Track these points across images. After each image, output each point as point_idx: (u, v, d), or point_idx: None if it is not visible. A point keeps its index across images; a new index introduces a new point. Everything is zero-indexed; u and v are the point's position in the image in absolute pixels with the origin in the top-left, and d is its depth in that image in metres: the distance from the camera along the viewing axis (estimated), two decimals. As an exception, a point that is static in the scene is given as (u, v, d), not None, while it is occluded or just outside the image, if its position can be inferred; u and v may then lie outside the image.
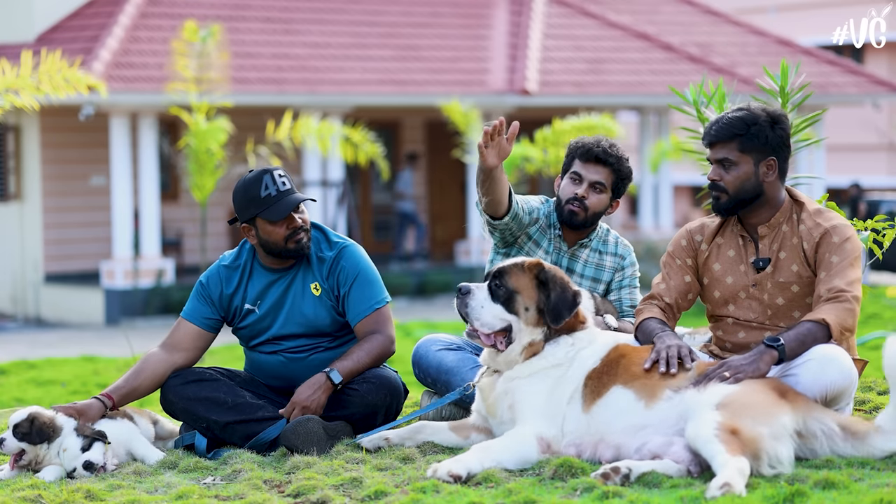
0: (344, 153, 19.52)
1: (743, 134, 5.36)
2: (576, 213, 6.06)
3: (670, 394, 5.00)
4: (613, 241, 6.27)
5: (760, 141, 5.36)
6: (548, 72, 25.65)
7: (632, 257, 6.30)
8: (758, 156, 5.37)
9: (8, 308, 23.68)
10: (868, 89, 28.33)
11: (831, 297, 5.21)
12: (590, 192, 6.05)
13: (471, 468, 4.92)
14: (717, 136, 5.39)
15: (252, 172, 5.78)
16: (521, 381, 5.22)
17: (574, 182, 6.08)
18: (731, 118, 5.38)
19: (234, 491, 4.98)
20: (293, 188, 5.77)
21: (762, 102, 5.66)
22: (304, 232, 5.76)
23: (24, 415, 5.37)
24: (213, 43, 16.45)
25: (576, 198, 6.04)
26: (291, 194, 5.74)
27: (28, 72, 10.62)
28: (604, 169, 6.06)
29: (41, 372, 14.21)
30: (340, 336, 5.89)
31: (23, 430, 5.33)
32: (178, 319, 5.92)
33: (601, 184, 6.05)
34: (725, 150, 5.39)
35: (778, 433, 4.78)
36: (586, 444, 5.09)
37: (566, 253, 6.16)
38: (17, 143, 23.63)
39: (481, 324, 5.26)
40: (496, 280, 5.29)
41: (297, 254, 5.77)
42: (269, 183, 5.71)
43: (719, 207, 5.45)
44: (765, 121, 5.37)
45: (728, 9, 32.74)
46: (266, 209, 5.70)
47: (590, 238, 6.19)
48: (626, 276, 6.24)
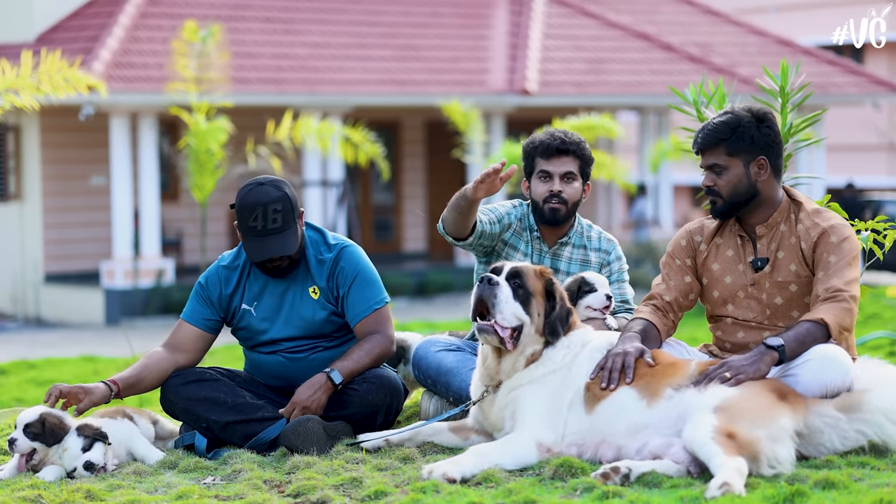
0: (344, 153, 19.54)
1: (728, 138, 5.37)
2: (557, 210, 6.07)
3: (671, 392, 5.00)
4: (597, 236, 6.26)
5: (746, 142, 5.37)
6: (548, 72, 25.65)
7: (617, 251, 6.27)
8: (746, 157, 5.38)
9: (8, 308, 23.69)
10: (868, 89, 28.33)
11: (829, 297, 5.22)
12: (563, 184, 6.08)
13: (465, 472, 4.91)
14: (704, 144, 5.42)
15: (255, 190, 5.68)
16: (523, 389, 5.20)
17: (544, 180, 6.09)
18: (716, 124, 5.40)
19: (234, 491, 4.98)
20: (282, 227, 5.65)
21: (762, 103, 5.66)
22: (284, 260, 5.73)
23: (35, 415, 5.35)
24: (213, 43, 16.46)
25: (552, 194, 6.06)
26: (275, 235, 5.64)
27: (28, 72, 10.61)
28: (568, 157, 6.08)
29: (41, 372, 14.21)
30: (339, 336, 5.89)
31: (35, 430, 5.32)
32: (178, 321, 5.92)
33: (571, 173, 6.08)
34: (714, 156, 5.41)
35: (776, 435, 4.78)
36: (588, 443, 5.09)
37: (548, 253, 6.16)
38: (17, 143, 23.63)
39: (503, 317, 5.20)
40: (515, 279, 5.25)
41: (274, 274, 5.78)
42: (259, 216, 5.65)
43: (717, 212, 5.47)
44: (749, 121, 5.38)
45: (728, 9, 32.73)
46: (248, 240, 5.70)
47: (569, 236, 6.18)
48: (614, 270, 6.23)
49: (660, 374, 5.09)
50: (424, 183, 27.92)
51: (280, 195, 5.68)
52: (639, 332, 5.36)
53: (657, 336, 5.43)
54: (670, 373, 5.09)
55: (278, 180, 5.78)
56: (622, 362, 5.13)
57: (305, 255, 5.84)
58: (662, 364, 5.15)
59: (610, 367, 5.13)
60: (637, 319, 5.47)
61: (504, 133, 25.25)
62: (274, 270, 5.77)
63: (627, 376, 5.08)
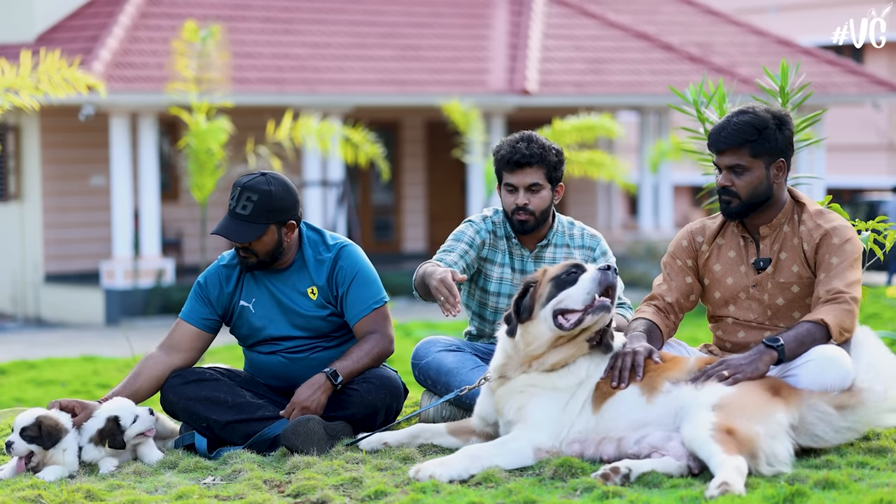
0: (344, 153, 19.52)
1: (755, 139, 5.31)
2: (525, 222, 6.03)
3: (669, 386, 5.01)
4: (579, 233, 6.22)
5: (771, 144, 5.33)
6: (548, 72, 25.65)
7: (602, 246, 6.22)
8: (768, 159, 5.35)
9: (8, 308, 23.68)
10: (868, 89, 28.32)
11: (830, 299, 5.22)
12: (528, 195, 6.01)
13: (453, 474, 4.90)
14: (728, 143, 5.33)
15: (253, 175, 5.75)
16: (542, 391, 5.15)
17: (511, 193, 6.05)
18: (740, 123, 5.33)
19: (234, 491, 4.98)
20: (248, 217, 5.66)
21: (762, 102, 5.65)
22: (244, 251, 5.75)
23: (32, 419, 5.36)
24: (213, 43, 16.45)
25: (518, 207, 6.02)
26: (238, 220, 5.67)
27: (28, 71, 10.61)
28: (531, 169, 5.99)
29: (41, 372, 14.21)
30: (339, 336, 5.89)
31: (31, 433, 5.33)
32: (176, 320, 5.92)
33: (536, 184, 6.00)
34: (737, 157, 5.34)
35: (774, 431, 4.79)
36: (590, 441, 5.08)
37: (530, 257, 6.13)
38: (17, 143, 23.62)
39: (574, 301, 5.14)
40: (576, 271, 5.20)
41: (242, 265, 5.81)
42: (236, 196, 5.70)
43: (730, 212, 5.41)
44: (773, 123, 5.34)
45: (728, 9, 32.73)
46: (223, 217, 5.77)
47: (548, 238, 6.15)
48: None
49: (659, 369, 5.10)
50: (424, 183, 27.92)
51: (265, 190, 5.68)
52: (644, 331, 5.36)
53: (660, 337, 5.43)
54: (669, 368, 5.10)
55: (283, 182, 5.76)
56: (632, 361, 5.13)
57: (304, 255, 5.85)
58: (662, 360, 5.16)
59: (620, 366, 5.13)
60: (640, 319, 5.46)
61: (504, 133, 25.24)
62: (241, 261, 5.80)
63: (638, 374, 5.08)
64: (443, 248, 6.10)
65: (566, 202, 28.06)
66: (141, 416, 5.47)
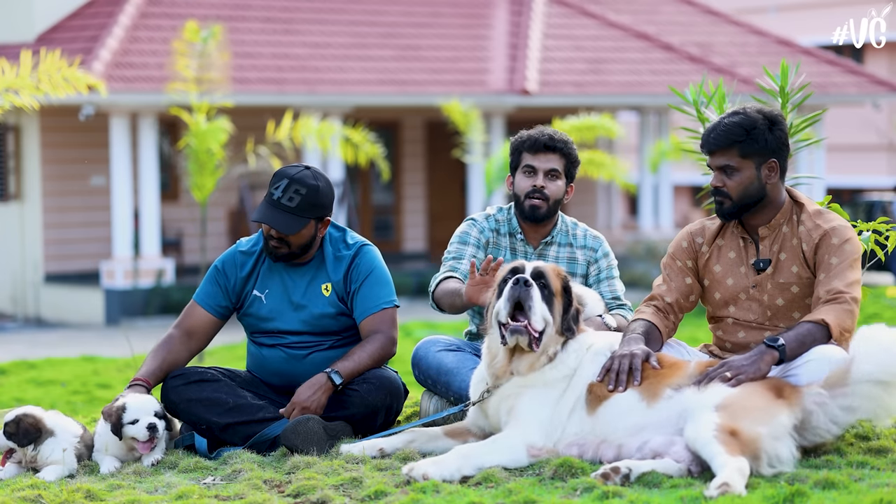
0: (344, 153, 19.53)
1: (743, 140, 5.33)
2: (537, 207, 6.07)
3: (671, 392, 5.00)
4: (582, 234, 6.25)
5: (760, 144, 5.34)
6: (548, 72, 25.65)
7: (604, 248, 6.25)
8: (759, 159, 5.36)
9: (8, 308, 23.68)
10: (868, 89, 28.32)
11: (830, 299, 5.21)
12: (546, 180, 6.07)
13: (445, 473, 4.89)
14: (717, 144, 5.36)
15: (298, 169, 5.80)
16: (533, 390, 5.14)
17: (529, 175, 6.09)
18: (729, 124, 5.35)
19: (234, 491, 4.98)
20: (294, 209, 5.72)
21: (762, 102, 5.64)
22: (278, 241, 5.78)
23: (12, 415, 5.43)
24: (213, 43, 16.46)
25: (535, 189, 6.06)
26: (282, 211, 5.72)
27: (28, 71, 10.61)
28: (554, 155, 6.08)
29: (41, 372, 14.21)
30: (344, 337, 5.90)
31: (9, 429, 5.41)
32: (190, 303, 5.95)
33: (555, 170, 6.08)
34: (726, 157, 5.36)
35: (777, 432, 4.79)
36: (589, 444, 5.08)
37: (533, 254, 6.15)
38: (17, 143, 23.62)
39: (537, 319, 5.12)
40: (541, 280, 5.17)
41: (270, 254, 5.82)
42: (282, 187, 5.74)
43: (723, 212, 5.43)
44: (763, 124, 5.35)
45: (728, 9, 32.73)
46: (263, 202, 5.80)
47: (552, 235, 6.17)
48: (602, 268, 6.21)
49: (660, 374, 5.08)
50: (424, 183, 27.92)
51: (312, 185, 5.75)
52: (642, 333, 5.35)
53: (659, 338, 5.43)
54: (670, 373, 5.08)
55: (327, 179, 5.85)
56: (629, 364, 5.11)
57: (323, 252, 5.89)
58: (662, 365, 5.15)
59: (617, 368, 5.11)
60: (639, 320, 5.46)
61: (504, 133, 25.25)
62: (272, 250, 5.81)
63: (635, 378, 5.06)
64: (450, 253, 6.13)
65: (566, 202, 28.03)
66: (140, 423, 5.44)
